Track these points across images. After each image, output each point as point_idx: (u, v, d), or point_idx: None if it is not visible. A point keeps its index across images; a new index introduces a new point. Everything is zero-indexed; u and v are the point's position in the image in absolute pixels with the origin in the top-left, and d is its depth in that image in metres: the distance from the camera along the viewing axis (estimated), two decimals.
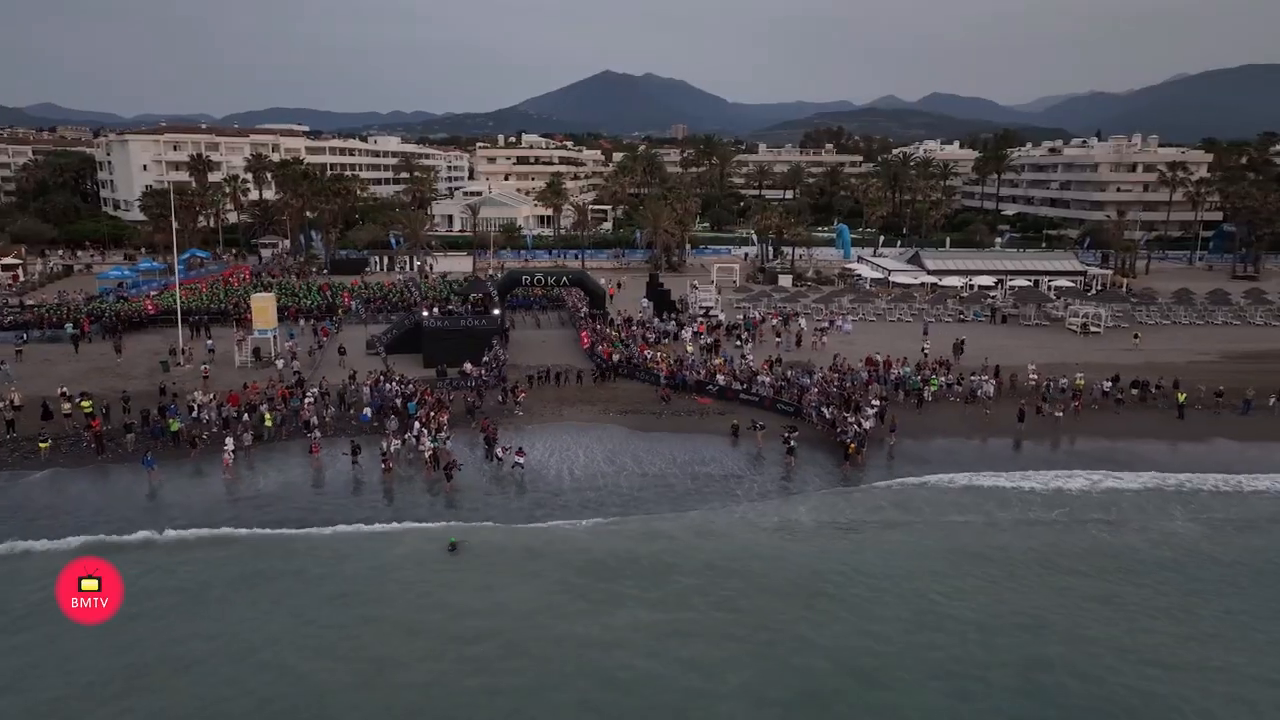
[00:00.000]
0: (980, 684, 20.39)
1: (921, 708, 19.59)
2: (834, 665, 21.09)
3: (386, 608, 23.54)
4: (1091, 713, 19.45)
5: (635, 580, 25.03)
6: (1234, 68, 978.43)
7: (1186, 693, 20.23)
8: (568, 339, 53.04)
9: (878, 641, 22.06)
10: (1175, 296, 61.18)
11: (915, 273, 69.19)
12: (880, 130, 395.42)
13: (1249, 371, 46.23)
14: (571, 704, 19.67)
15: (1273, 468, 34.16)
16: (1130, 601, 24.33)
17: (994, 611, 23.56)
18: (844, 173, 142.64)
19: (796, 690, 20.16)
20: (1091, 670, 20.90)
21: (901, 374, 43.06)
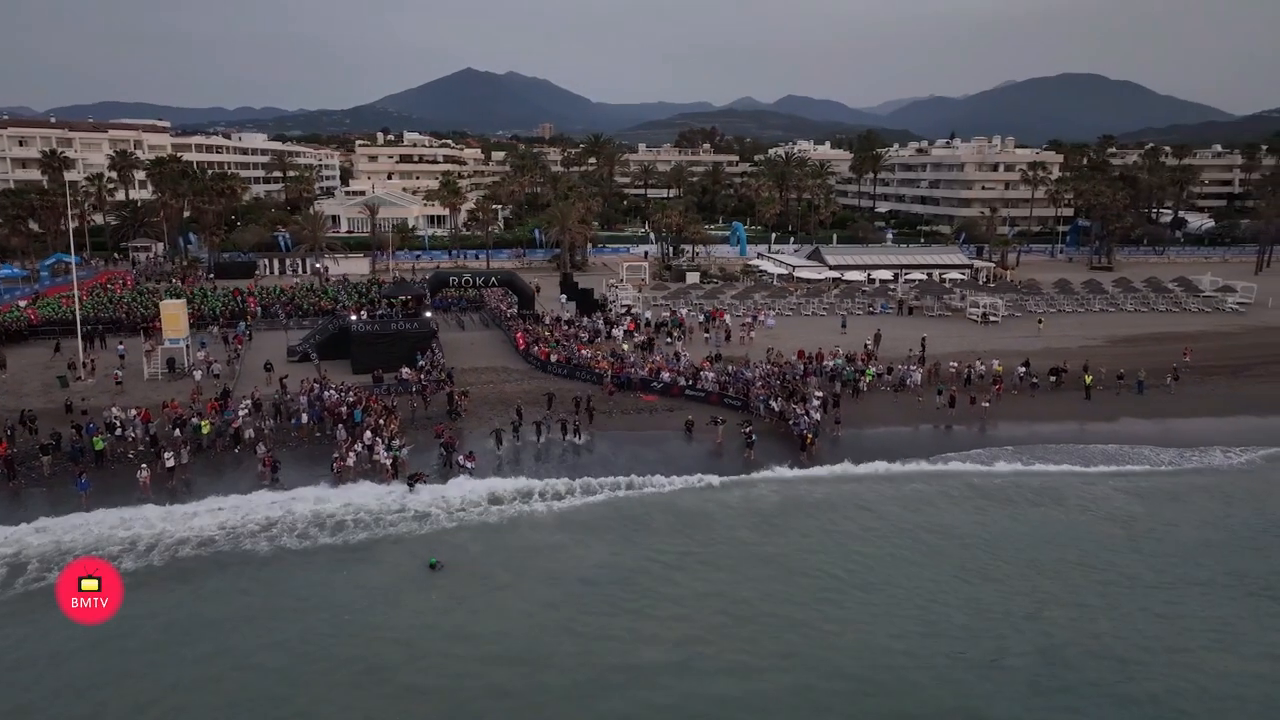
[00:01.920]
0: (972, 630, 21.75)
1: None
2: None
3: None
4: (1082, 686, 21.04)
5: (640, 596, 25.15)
6: (1053, 76, 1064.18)
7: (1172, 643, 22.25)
8: (495, 340, 52.14)
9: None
10: (1057, 286, 66.24)
11: (818, 268, 71.82)
12: (740, 130, 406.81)
13: (1131, 354, 50.64)
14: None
15: (1179, 442, 37.71)
16: (1095, 569, 26.44)
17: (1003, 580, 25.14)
18: (725, 172, 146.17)
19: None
20: (1083, 634, 22.66)
21: (835, 365, 44.75)
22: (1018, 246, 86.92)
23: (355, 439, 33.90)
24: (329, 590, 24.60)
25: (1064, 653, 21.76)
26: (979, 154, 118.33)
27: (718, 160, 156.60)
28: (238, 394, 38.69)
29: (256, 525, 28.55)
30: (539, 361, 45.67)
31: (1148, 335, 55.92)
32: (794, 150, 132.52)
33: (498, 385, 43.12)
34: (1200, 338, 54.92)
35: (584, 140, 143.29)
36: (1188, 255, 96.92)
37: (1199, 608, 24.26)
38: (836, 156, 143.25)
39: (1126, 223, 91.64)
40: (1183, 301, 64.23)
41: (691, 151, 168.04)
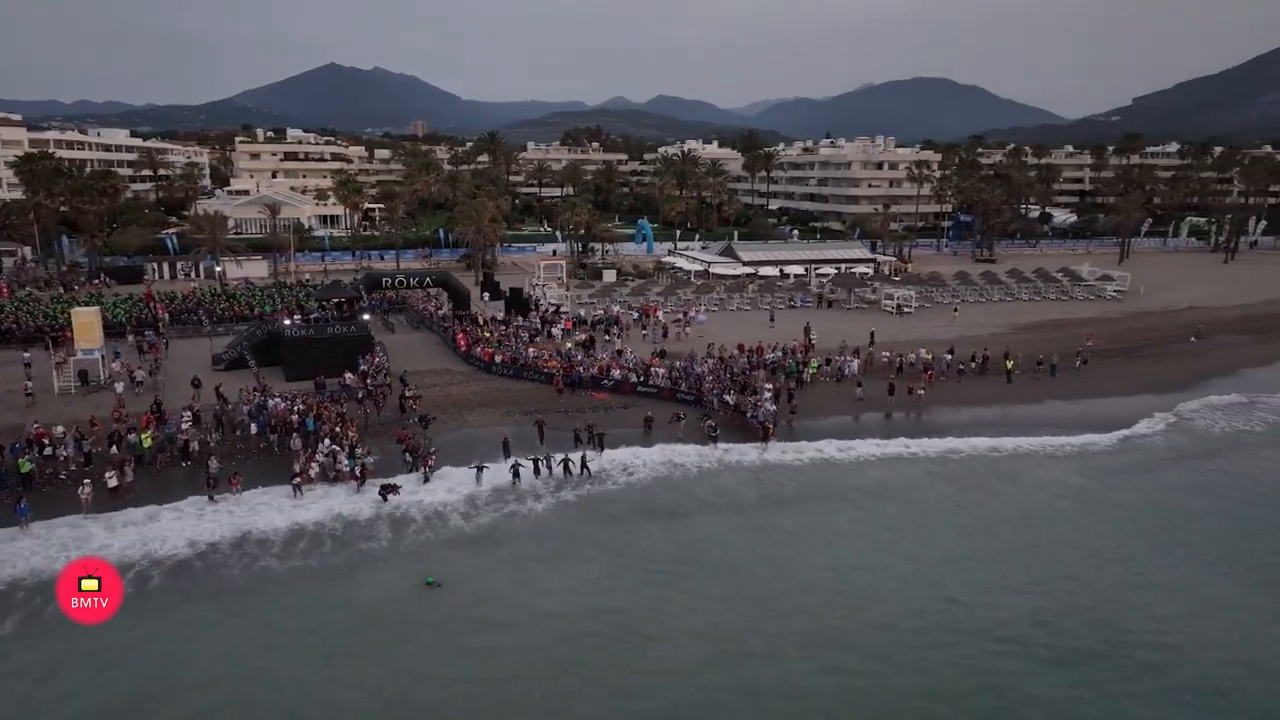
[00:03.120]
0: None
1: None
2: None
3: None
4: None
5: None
6: (908, 79, 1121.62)
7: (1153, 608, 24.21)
8: (429, 341, 50.80)
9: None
10: (958, 278, 70.14)
11: (732, 264, 73.36)
12: (614, 129, 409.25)
13: (1036, 339, 54.24)
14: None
15: (1099, 418, 40.75)
16: (1071, 543, 28.42)
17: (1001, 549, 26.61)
18: (618, 170, 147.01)
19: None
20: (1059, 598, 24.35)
21: (776, 358, 45.96)
22: (910, 241, 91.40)
23: (313, 448, 32.44)
24: (321, 616, 23.19)
25: (1064, 622, 23.31)
26: (864, 153, 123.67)
27: (608, 159, 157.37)
28: (169, 405, 36.18)
29: (226, 545, 26.92)
30: (482, 363, 44.82)
31: (1047, 322, 60.01)
32: (685, 149, 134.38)
33: (444, 388, 42.07)
34: (1090, 323, 59.37)
35: (472, 138, 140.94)
36: (1056, 248, 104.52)
37: (1174, 574, 26.41)
38: (725, 155, 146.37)
39: (1004, 218, 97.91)
40: (1069, 290, 69.23)
41: (580, 150, 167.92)
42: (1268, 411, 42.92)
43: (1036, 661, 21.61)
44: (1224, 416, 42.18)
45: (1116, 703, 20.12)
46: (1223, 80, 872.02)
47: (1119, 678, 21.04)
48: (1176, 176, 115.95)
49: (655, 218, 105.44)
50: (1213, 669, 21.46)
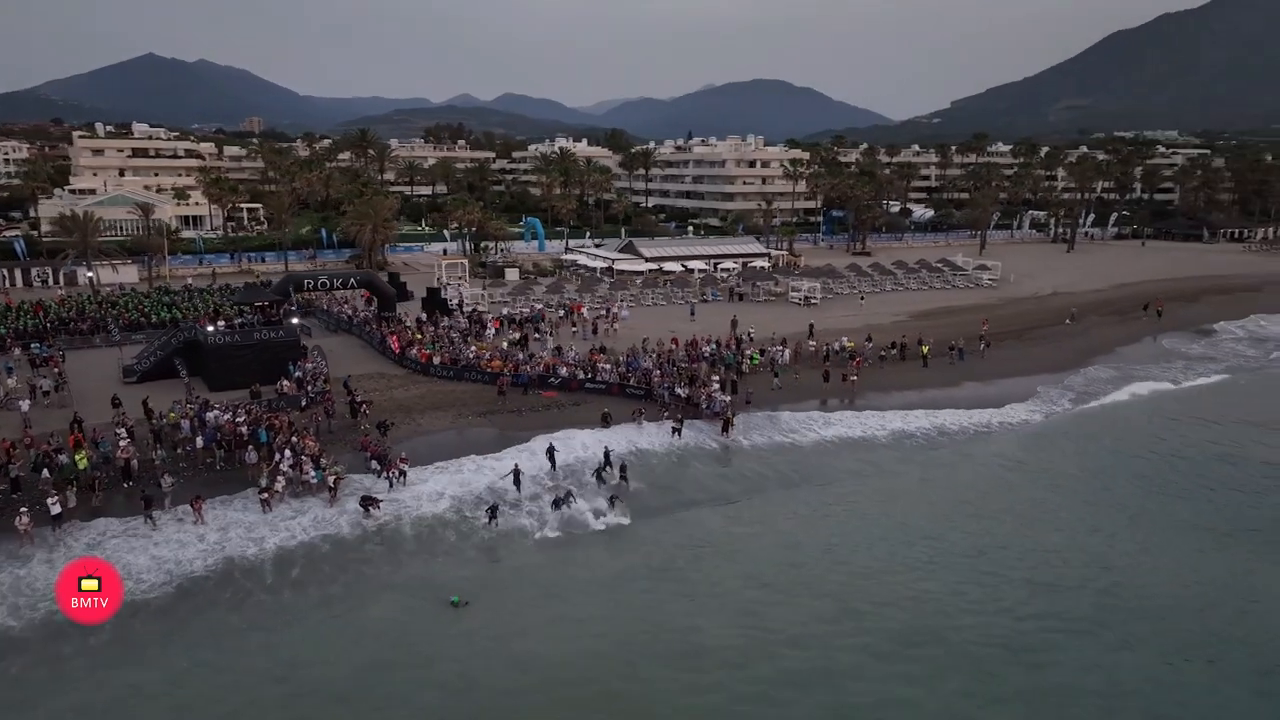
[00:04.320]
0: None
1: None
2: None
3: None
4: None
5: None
6: (747, 81, 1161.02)
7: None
8: (352, 345, 48.68)
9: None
10: (851, 270, 73.75)
11: (635, 260, 74.05)
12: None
13: (935, 325, 57.82)
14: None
15: (1016, 396, 44.22)
16: (1030, 511, 30.88)
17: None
18: (491, 168, 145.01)
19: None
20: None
21: (710, 350, 47.00)
22: (797, 236, 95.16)
23: (276, 461, 30.55)
24: (345, 650, 21.74)
25: (1058, 586, 25.42)
26: (737, 151, 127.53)
27: (477, 156, 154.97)
28: (86, 423, 33.04)
29: (210, 576, 24.99)
30: (419, 365, 43.42)
31: (940, 309, 64.11)
32: (560, 147, 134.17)
33: (384, 392, 40.45)
34: (977, 309, 63.80)
35: (342, 134, 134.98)
36: (919, 240, 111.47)
37: (1128, 532, 29.22)
38: (598, 153, 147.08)
39: (874, 213, 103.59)
40: (951, 279, 74.24)
41: (446, 148, 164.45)
42: (1145, 383, 47.93)
43: (1060, 620, 23.49)
44: (1112, 388, 46.85)
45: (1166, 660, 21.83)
46: (1025, 86, 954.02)
47: (1154, 629, 23.04)
48: (1017, 174, 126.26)
49: (536, 216, 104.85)
50: (1176, 600, 24.05)
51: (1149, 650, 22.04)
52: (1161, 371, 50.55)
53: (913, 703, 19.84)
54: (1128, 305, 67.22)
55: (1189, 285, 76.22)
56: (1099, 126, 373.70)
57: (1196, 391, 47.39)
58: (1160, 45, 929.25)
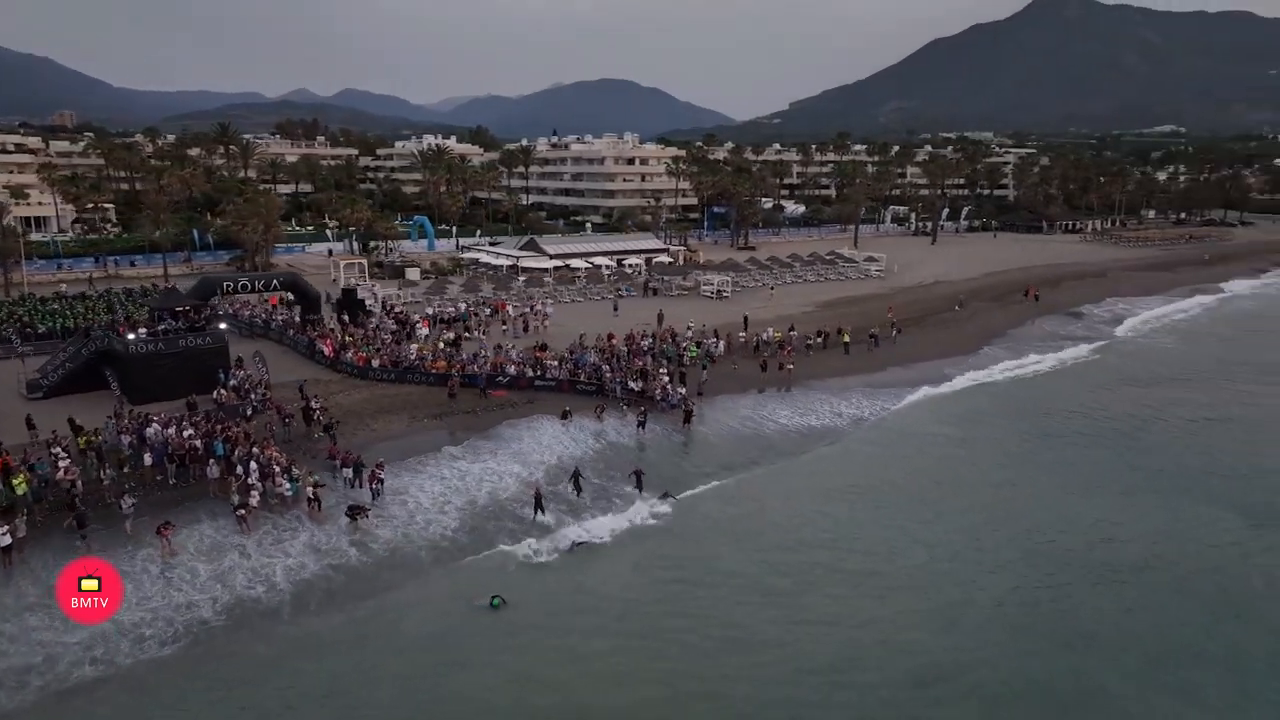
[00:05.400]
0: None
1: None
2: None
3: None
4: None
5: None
6: (595, 80, 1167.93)
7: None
8: (274, 350, 45.74)
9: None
10: (751, 263, 75.96)
11: (539, 258, 73.42)
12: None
13: (840, 314, 60.53)
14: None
15: (938, 377, 47.22)
16: (985, 482, 33.19)
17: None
18: (359, 165, 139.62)
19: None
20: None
21: (649, 344, 47.49)
22: (690, 232, 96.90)
23: (244, 476, 28.55)
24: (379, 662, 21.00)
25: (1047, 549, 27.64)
26: (615, 149, 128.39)
27: (340, 154, 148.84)
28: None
29: (219, 619, 22.57)
30: (356, 368, 41.58)
31: (842, 299, 67.16)
32: (437, 144, 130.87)
33: (326, 398, 38.26)
34: (875, 299, 67.44)
35: (183, 130, 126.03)
36: (795, 235, 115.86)
37: (1068, 495, 31.99)
38: (469, 150, 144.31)
39: (755, 209, 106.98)
40: (844, 271, 77.85)
41: (308, 145, 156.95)
42: (1038, 362, 52.35)
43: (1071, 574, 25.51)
44: (1012, 367, 50.97)
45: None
46: (857, 89, 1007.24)
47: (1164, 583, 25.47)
48: (878, 171, 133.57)
49: (413, 214, 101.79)
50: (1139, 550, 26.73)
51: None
52: (1052, 348, 55.44)
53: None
54: (1003, 291, 72.71)
55: (1048, 272, 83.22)
56: (924, 127, 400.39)
57: (1084, 365, 52.44)
58: (973, 53, 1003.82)
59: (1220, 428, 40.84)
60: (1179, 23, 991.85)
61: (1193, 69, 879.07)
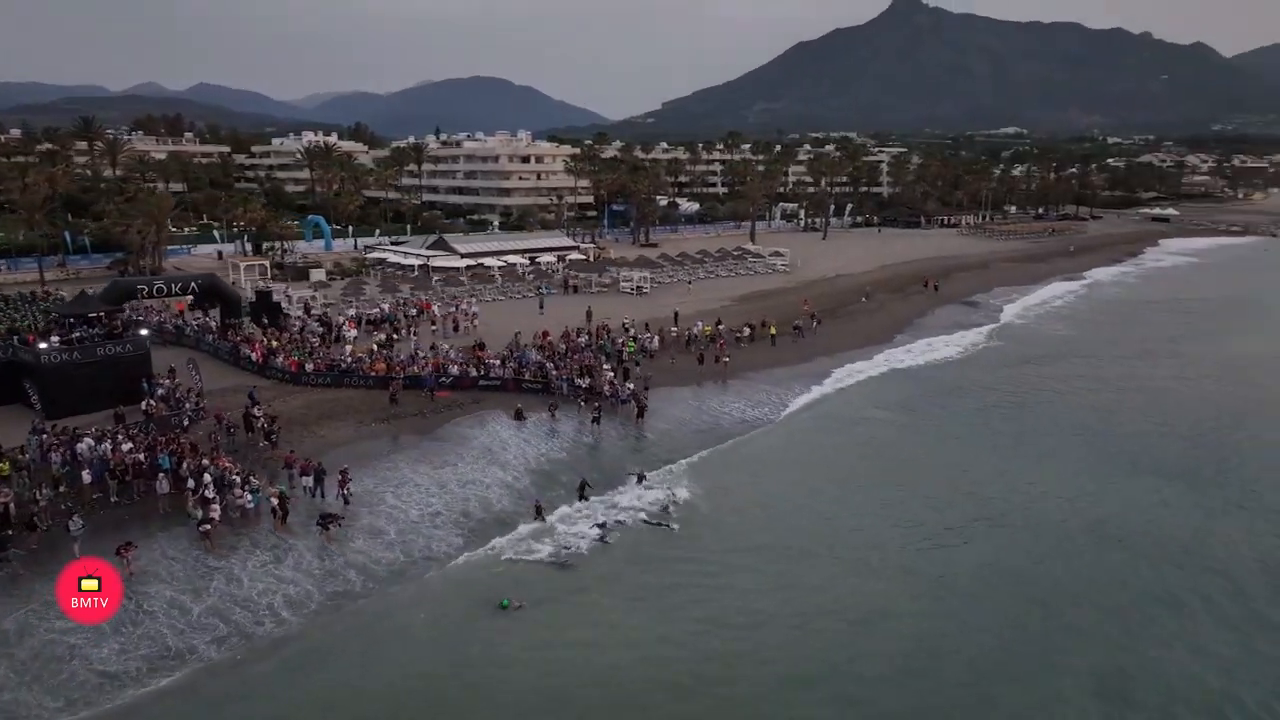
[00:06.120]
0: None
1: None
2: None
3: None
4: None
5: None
6: (467, 78, 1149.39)
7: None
8: (192, 357, 42.97)
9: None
10: (662, 259, 76.74)
11: (450, 257, 71.89)
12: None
13: (758, 308, 62.01)
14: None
15: (860, 368, 49.26)
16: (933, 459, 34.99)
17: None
18: (236, 163, 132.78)
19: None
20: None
21: (585, 341, 47.45)
22: (598, 229, 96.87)
23: (200, 490, 26.85)
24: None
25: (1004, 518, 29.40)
26: (510, 146, 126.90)
27: (211, 151, 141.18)
28: None
29: (223, 650, 21.10)
30: (288, 373, 39.69)
31: (755, 293, 68.79)
32: (324, 142, 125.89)
33: (262, 405, 36.58)
34: (787, 292, 69.52)
35: (44, 123, 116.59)
36: (691, 232, 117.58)
37: (1016, 464, 34.16)
38: (354, 148, 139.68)
39: (654, 207, 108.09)
40: (752, 266, 79.74)
41: (174, 141, 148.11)
42: (946, 347, 55.43)
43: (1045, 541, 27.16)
44: (926, 352, 53.80)
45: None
46: (726, 90, 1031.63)
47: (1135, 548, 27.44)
48: (768, 169, 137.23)
49: (298, 212, 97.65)
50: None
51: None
52: (956, 335, 58.78)
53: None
54: (903, 283, 76.37)
55: (937, 265, 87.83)
56: (792, 128, 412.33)
57: (987, 349, 56.04)
58: (835, 57, 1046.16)
59: (1116, 396, 45.42)
60: (1018, 32, 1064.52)
61: (1031, 75, 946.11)
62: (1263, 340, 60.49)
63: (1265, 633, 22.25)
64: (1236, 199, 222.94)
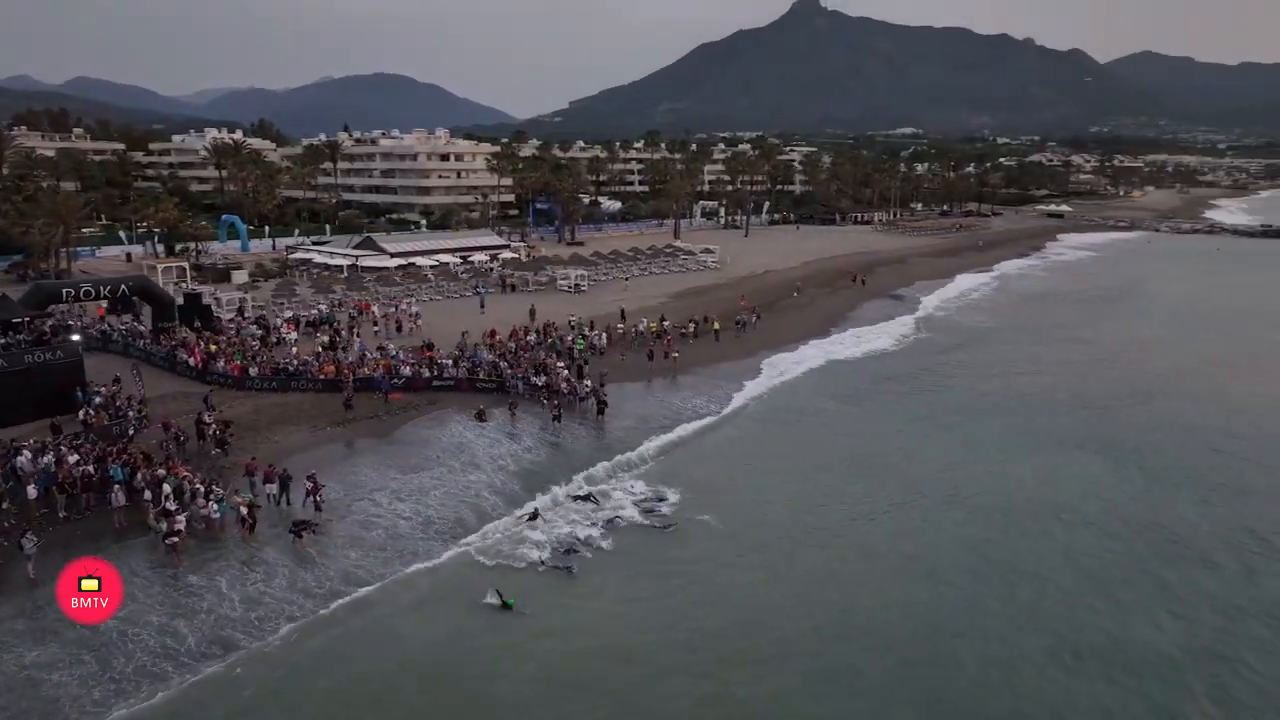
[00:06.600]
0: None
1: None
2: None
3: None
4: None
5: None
6: (369, 75, 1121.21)
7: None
8: (121, 365, 40.64)
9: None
10: (595, 257, 76.64)
11: (379, 256, 70.17)
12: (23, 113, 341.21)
13: (695, 304, 62.74)
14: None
15: (804, 360, 50.37)
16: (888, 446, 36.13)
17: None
18: (134, 160, 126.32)
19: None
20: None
21: (534, 339, 47.08)
22: (527, 228, 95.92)
23: (163, 502, 25.51)
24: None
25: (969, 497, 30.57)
26: (428, 144, 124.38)
27: (104, 148, 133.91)
28: None
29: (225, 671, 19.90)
30: (231, 378, 38.06)
31: (689, 290, 69.39)
32: (233, 139, 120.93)
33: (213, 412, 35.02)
34: (719, 288, 70.41)
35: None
36: (616, 230, 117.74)
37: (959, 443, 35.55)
38: (262, 146, 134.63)
39: (579, 205, 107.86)
40: (684, 264, 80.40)
41: (61, 137, 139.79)
42: (880, 338, 57.26)
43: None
44: (862, 344, 55.48)
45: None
46: (633, 89, 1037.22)
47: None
48: (688, 168, 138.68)
49: (205, 212, 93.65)
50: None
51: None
52: (887, 327, 60.89)
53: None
54: (830, 278, 78.33)
55: (859, 260, 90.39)
56: (698, 127, 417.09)
57: (918, 340, 58.22)
58: (737, 58, 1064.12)
59: (1042, 378, 48.10)
60: (911, 36, 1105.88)
61: (924, 77, 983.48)
62: (1157, 324, 65.24)
63: (1186, 584, 24.33)
64: (1119, 196, 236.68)
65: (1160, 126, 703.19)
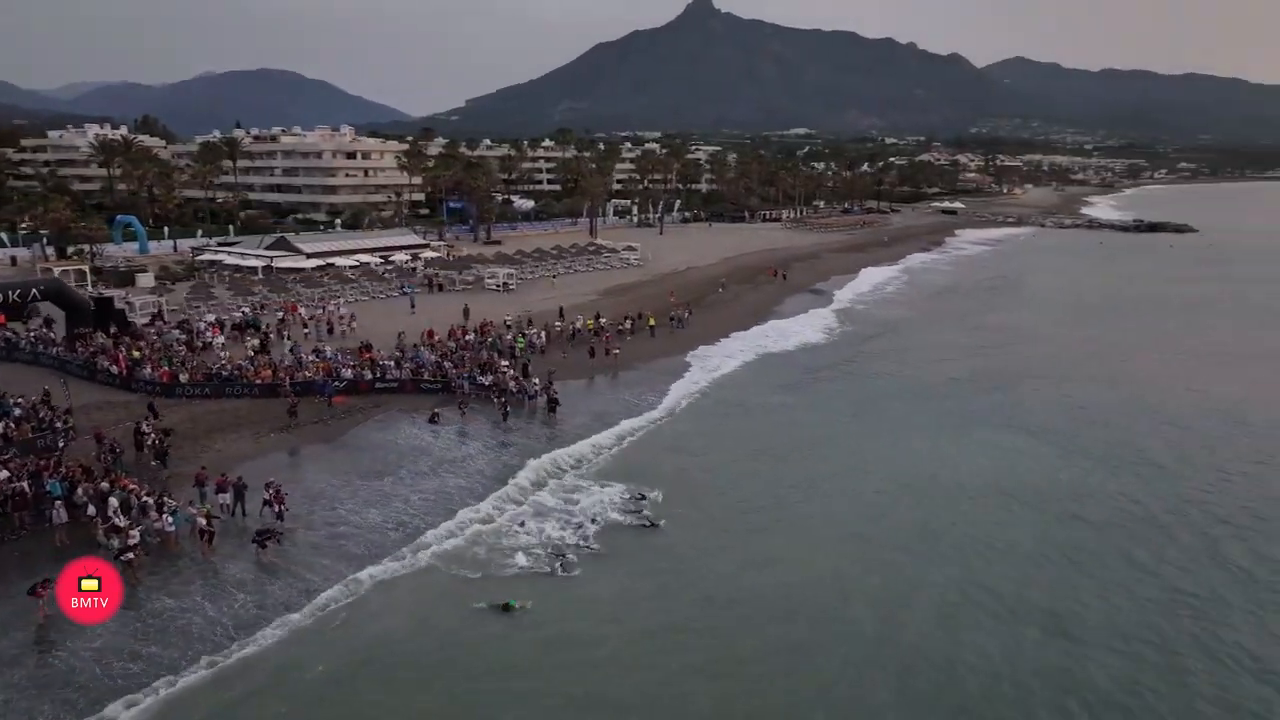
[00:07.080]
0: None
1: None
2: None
3: None
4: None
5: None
6: (253, 70, 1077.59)
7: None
8: (29, 374, 37.91)
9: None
10: (518, 255, 75.84)
11: (295, 257, 67.65)
12: None
13: (624, 300, 63.18)
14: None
15: (739, 354, 51.20)
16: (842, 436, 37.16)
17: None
18: (5, 158, 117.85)
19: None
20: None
21: (472, 338, 46.40)
22: (446, 227, 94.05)
23: (110, 518, 24.04)
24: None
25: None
26: (333, 142, 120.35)
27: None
28: None
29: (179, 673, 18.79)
30: (160, 385, 36.10)
31: (616, 286, 69.55)
32: (124, 135, 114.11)
33: (134, 422, 33.13)
34: (644, 285, 70.82)
35: None
36: (531, 229, 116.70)
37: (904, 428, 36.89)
38: (152, 143, 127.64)
39: (493, 204, 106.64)
40: (608, 261, 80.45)
41: None
42: (806, 330, 58.84)
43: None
44: (791, 336, 56.84)
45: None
46: (531, 88, 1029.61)
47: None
48: (599, 166, 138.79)
49: (94, 212, 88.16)
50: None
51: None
52: (812, 320, 62.52)
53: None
54: (750, 274, 79.86)
55: (774, 256, 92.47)
56: (597, 127, 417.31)
57: (843, 332, 59.74)
58: (634, 57, 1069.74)
59: (961, 362, 50.38)
60: (801, 38, 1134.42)
61: (815, 78, 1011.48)
62: (1058, 312, 69.28)
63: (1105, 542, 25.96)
64: (1003, 194, 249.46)
65: (1033, 128, 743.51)
